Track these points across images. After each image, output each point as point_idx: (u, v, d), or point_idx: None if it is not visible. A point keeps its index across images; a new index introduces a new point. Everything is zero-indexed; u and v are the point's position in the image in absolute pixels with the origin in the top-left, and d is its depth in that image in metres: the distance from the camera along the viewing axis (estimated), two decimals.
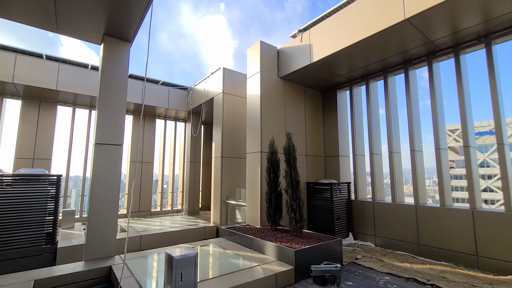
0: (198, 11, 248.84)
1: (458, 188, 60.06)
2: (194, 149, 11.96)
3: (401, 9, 4.99)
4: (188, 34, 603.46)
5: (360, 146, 8.16)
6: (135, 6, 4.58)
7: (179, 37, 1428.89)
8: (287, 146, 5.82)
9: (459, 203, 42.73)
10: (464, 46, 5.85)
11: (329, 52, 6.36)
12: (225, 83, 9.23)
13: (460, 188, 59.36)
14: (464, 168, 5.85)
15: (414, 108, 6.91)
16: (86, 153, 11.02)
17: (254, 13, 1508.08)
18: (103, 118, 5.26)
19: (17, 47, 8.58)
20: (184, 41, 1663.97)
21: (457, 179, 60.05)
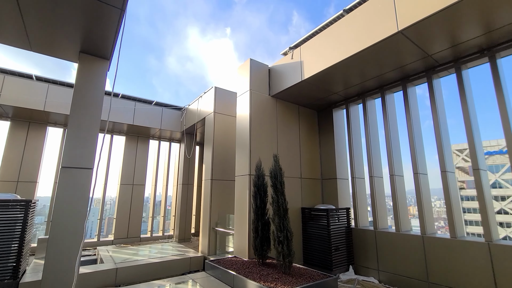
0: (205, 35, 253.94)
1: (470, 210, 57.40)
2: (187, 171, 11.45)
3: (393, 21, 4.63)
4: (195, 57, 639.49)
5: (359, 168, 7.55)
6: (107, 23, 4.32)
7: (186, 60, 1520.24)
8: (274, 169, 5.27)
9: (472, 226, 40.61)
10: (465, 60, 5.41)
11: (320, 69, 5.98)
12: (217, 103, 8.91)
13: (473, 210, 56.72)
14: (475, 189, 5.19)
15: (415, 128, 6.37)
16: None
17: (259, 37, 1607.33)
18: (73, 139, 4.84)
19: (5, 68, 8.50)
20: (191, 64, 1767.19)
21: (469, 201, 57.55)
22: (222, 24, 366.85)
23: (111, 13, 4.13)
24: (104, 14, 4.17)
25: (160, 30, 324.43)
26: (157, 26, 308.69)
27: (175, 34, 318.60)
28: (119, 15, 4.17)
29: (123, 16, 4.21)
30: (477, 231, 52.65)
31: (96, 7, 4.01)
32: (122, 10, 4.05)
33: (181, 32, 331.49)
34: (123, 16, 4.20)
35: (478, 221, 51.75)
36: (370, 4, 5.17)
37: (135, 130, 11.35)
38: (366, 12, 5.21)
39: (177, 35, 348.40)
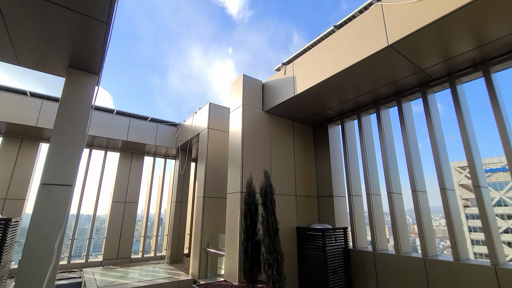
0: (207, 55, 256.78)
1: (476, 229, 55.74)
2: (181, 188, 11.16)
3: (383, 35, 4.58)
4: (198, 76, 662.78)
5: (356, 186, 7.28)
6: (94, 37, 4.28)
7: (189, 78, 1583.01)
8: (264, 186, 5.03)
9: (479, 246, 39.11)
10: (459, 75, 5.32)
11: (311, 84, 5.90)
12: (211, 119, 8.82)
13: (479, 229, 55.07)
14: (477, 207, 4.92)
15: (412, 144, 6.19)
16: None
17: (260, 56, 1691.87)
18: (55, 155, 4.66)
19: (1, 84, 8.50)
20: (193, 82, 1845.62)
21: (474, 219, 56.02)
22: (224, 44, 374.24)
23: (98, 27, 4.09)
24: (90, 29, 4.13)
25: (164, 50, 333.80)
26: (161, 46, 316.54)
27: (178, 53, 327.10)
28: (105, 29, 4.13)
29: (109, 30, 4.16)
30: (485, 251, 50.88)
31: (82, 22, 3.97)
32: (108, 24, 4.01)
33: (184, 52, 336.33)
34: (109, 30, 4.16)
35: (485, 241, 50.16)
36: (360, 20, 5.17)
37: (130, 146, 11.20)
38: (356, 27, 5.19)
39: (180, 55, 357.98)
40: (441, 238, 77.90)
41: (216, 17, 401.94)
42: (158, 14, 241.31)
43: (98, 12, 3.80)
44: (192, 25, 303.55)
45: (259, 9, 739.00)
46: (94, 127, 9.69)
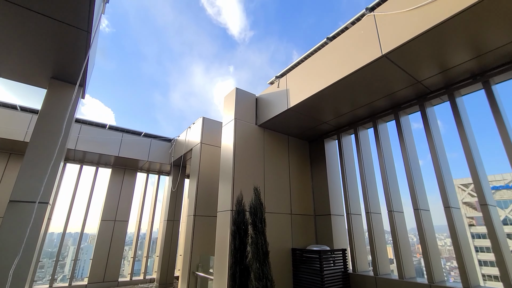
0: (209, 73, 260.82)
1: (483, 249, 53.87)
2: (173, 205, 10.72)
3: (377, 45, 4.42)
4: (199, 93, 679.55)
5: (355, 204, 6.88)
6: (75, 47, 4.12)
7: (190, 96, 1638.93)
8: (253, 204, 4.67)
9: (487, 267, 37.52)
10: (458, 87, 5.11)
11: (305, 96, 5.70)
12: (204, 133, 8.58)
13: (486, 249, 53.23)
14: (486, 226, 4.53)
15: (412, 160, 5.87)
16: (51, 211, 9.90)
17: (260, 74, 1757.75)
18: (28, 169, 4.35)
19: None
20: (195, 99, 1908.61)
21: (481, 239, 54.31)
22: (226, 62, 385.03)
23: (78, 36, 3.93)
24: (71, 38, 3.97)
25: (166, 68, 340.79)
26: (164, 64, 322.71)
27: (180, 71, 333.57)
28: (86, 38, 3.96)
29: (90, 39, 4.00)
30: (493, 273, 48.79)
31: (62, 30, 3.81)
32: (88, 32, 3.85)
33: (186, 70, 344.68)
34: (91, 39, 4.00)
35: (493, 261, 48.24)
36: (352, 31, 5.04)
37: (122, 162, 10.89)
38: (349, 38, 5.06)
39: (182, 73, 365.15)
40: (447, 258, 75.28)
41: (218, 37, 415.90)
42: (162, 34, 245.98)
43: (77, 20, 3.65)
44: (195, 44, 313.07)
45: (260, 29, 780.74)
46: (85, 142, 9.45)
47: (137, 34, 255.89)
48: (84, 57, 4.37)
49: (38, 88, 5.25)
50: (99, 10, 4.18)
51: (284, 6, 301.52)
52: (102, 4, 4.39)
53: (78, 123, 9.50)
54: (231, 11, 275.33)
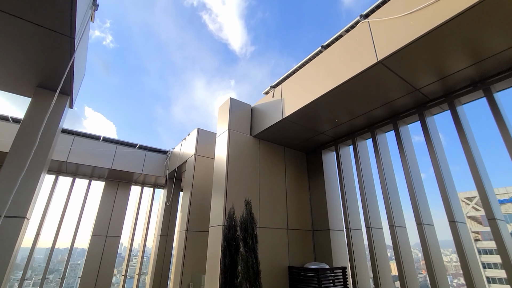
0: (210, 87, 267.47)
1: (491, 265, 52.13)
2: (167, 220, 10.34)
3: (372, 52, 4.27)
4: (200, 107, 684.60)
5: (354, 218, 6.55)
6: (59, 53, 3.98)
7: (191, 109, 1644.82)
8: (244, 219, 4.36)
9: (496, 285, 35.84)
10: (457, 95, 4.92)
11: (299, 106, 5.51)
12: (199, 145, 8.36)
13: (494, 266, 51.51)
14: (493, 241, 4.21)
15: (413, 172, 5.60)
16: (40, 226, 9.55)
17: (261, 87, 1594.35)
18: (5, 182, 4.11)
19: None
20: (196, 113, 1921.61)
21: (488, 254, 52.67)
22: (227, 76, 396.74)
23: (62, 42, 3.80)
24: (54, 44, 3.84)
25: (168, 82, 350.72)
26: (166, 79, 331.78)
27: (182, 85, 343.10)
28: (69, 44, 3.83)
29: (74, 46, 3.86)
30: None
31: (44, 36, 3.68)
32: (72, 38, 3.72)
33: (188, 84, 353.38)
34: (75, 45, 3.86)
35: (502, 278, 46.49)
36: (347, 38, 4.92)
37: (116, 175, 10.62)
38: (344, 45, 4.93)
39: (184, 87, 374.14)
40: (453, 275, 72.83)
41: (220, 52, 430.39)
42: (165, 50, 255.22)
43: (59, 25, 3.52)
44: (197, 59, 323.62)
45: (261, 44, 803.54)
46: (77, 155, 9.22)
47: (140, 50, 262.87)
48: (68, 64, 4.23)
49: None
50: (85, 16, 4.07)
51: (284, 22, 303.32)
52: (89, 11, 4.29)
53: (71, 134, 9.32)
54: (232, 27, 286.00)
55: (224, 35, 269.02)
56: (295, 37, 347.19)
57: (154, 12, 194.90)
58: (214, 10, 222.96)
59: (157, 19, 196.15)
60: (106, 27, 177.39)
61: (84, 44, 4.70)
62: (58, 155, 8.83)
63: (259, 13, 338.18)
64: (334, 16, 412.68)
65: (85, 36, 4.57)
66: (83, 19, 3.97)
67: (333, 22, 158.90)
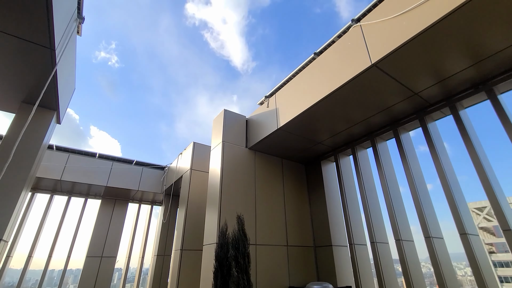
0: (213, 102, 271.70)
1: (508, 279, 49.60)
2: (164, 239, 9.94)
3: (365, 55, 4.09)
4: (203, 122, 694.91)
5: (358, 233, 6.15)
6: (40, 66, 3.87)
7: (195, 125, 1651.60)
8: (235, 237, 4.04)
9: None
10: (459, 98, 4.68)
11: (294, 114, 5.30)
12: (195, 159, 8.13)
13: (510, 279, 48.97)
14: (510, 253, 3.82)
15: (418, 182, 5.27)
16: (34, 245, 9.23)
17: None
18: None
19: None
20: (199, 128, 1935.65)
21: (504, 267, 50.28)
22: (229, 92, 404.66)
23: (42, 54, 3.68)
24: (34, 56, 3.72)
25: (172, 99, 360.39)
26: (170, 96, 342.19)
27: (185, 102, 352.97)
28: (50, 56, 3.71)
29: (55, 58, 3.74)
30: None
31: (24, 47, 3.57)
32: (52, 49, 3.60)
33: (191, 101, 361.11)
34: (55, 57, 3.74)
35: None
36: (340, 43, 4.77)
37: (113, 192, 10.35)
38: (337, 51, 4.77)
39: (187, 103, 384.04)
40: None
41: (222, 69, 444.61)
42: (168, 68, 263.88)
43: (37, 36, 3.40)
44: (199, 76, 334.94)
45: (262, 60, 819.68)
46: (72, 173, 9.02)
47: (144, 69, 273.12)
48: (52, 78, 4.10)
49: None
50: (69, 28, 3.99)
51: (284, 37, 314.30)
52: (74, 24, 4.21)
53: (66, 152, 9.17)
54: (233, 44, 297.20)
55: (226, 52, 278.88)
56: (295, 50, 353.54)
57: (158, 32, 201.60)
58: (216, 28, 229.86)
59: (160, 39, 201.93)
60: (111, 48, 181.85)
61: (70, 58, 4.60)
62: (51, 173, 8.65)
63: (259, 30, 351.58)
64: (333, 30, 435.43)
65: (71, 49, 4.48)
66: (66, 31, 3.88)
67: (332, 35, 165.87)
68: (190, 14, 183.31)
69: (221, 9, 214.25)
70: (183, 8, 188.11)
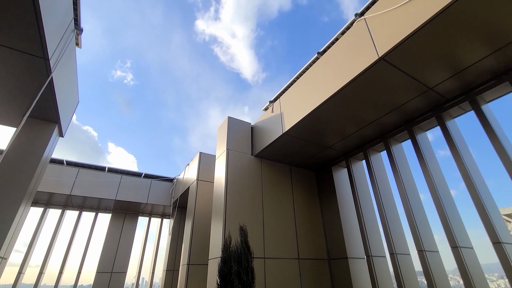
0: (225, 114, 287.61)
1: None
2: (173, 253, 9.68)
3: (372, 49, 3.80)
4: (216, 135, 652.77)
5: (376, 243, 5.65)
6: (36, 77, 3.83)
7: (207, 138, 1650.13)
8: (238, 250, 3.72)
9: None
10: (479, 91, 4.26)
11: (300, 117, 5.02)
12: (201, 169, 7.94)
13: None
14: None
15: (439, 186, 4.79)
16: (46, 260, 9.20)
17: None
18: None
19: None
20: (212, 140, 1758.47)
21: None
22: (241, 103, 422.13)
23: (37, 65, 3.64)
24: (30, 67, 3.69)
25: (185, 114, 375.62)
26: (183, 110, 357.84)
27: (197, 115, 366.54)
28: (45, 66, 3.66)
29: (50, 68, 3.69)
30: None
31: (18, 58, 3.54)
32: (46, 59, 3.55)
33: (203, 114, 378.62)
34: (51, 68, 3.69)
35: None
36: (344, 40, 4.51)
37: (123, 206, 10.29)
38: (341, 48, 4.51)
39: (199, 117, 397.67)
40: None
41: (232, 81, 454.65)
42: (180, 83, 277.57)
43: (31, 46, 3.36)
44: (211, 89, 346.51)
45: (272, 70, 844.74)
46: (82, 187, 9.05)
47: (158, 85, 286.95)
48: (49, 89, 4.06)
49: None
50: (67, 39, 3.96)
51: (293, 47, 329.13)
52: (72, 35, 4.20)
53: (76, 167, 9.24)
54: (243, 57, 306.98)
55: (236, 65, 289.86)
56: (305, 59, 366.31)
57: (170, 49, 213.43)
58: (225, 42, 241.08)
59: (172, 55, 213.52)
60: (127, 66, 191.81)
61: (69, 69, 4.59)
62: (61, 188, 8.70)
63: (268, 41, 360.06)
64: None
65: (69, 60, 4.47)
66: (62, 42, 3.85)
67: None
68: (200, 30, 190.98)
69: (229, 24, 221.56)
70: (193, 25, 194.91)
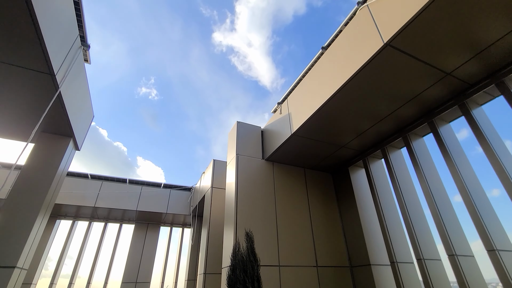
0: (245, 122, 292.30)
1: None
2: (194, 262, 9.65)
3: (377, 36, 3.53)
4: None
5: (401, 248, 5.17)
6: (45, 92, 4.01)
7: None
8: (243, 257, 3.52)
9: None
10: (506, 72, 3.78)
11: (307, 116, 4.80)
12: (215, 177, 7.90)
13: None
14: None
15: (469, 185, 4.28)
16: (74, 273, 9.58)
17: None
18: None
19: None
20: None
21: None
22: (260, 110, 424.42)
23: (43, 81, 3.81)
24: (37, 83, 3.86)
25: (207, 124, 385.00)
26: (204, 121, 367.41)
27: (219, 125, 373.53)
28: (52, 81, 3.82)
29: (57, 83, 3.85)
30: None
31: (24, 75, 3.73)
32: (52, 74, 3.70)
33: (225, 123, 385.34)
34: (57, 83, 3.84)
35: None
36: (347, 30, 4.27)
37: (145, 216, 10.53)
38: (345, 39, 4.27)
39: (221, 126, 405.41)
40: None
41: (251, 89, 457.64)
42: (201, 94, 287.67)
43: (35, 63, 3.52)
44: (231, 99, 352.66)
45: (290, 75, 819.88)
46: (105, 199, 9.39)
47: (180, 98, 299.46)
48: (59, 103, 4.24)
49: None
50: (72, 54, 4.13)
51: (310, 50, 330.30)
52: (79, 51, 4.38)
53: (99, 180, 9.64)
54: (260, 65, 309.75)
55: (254, 73, 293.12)
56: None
57: (189, 62, 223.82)
58: (242, 52, 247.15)
59: (192, 68, 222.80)
60: (151, 83, 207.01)
61: (79, 84, 4.78)
62: (87, 201, 9.09)
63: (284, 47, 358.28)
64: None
65: (79, 75, 4.65)
66: (68, 58, 4.02)
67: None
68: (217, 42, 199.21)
69: (245, 34, 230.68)
70: (210, 38, 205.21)
